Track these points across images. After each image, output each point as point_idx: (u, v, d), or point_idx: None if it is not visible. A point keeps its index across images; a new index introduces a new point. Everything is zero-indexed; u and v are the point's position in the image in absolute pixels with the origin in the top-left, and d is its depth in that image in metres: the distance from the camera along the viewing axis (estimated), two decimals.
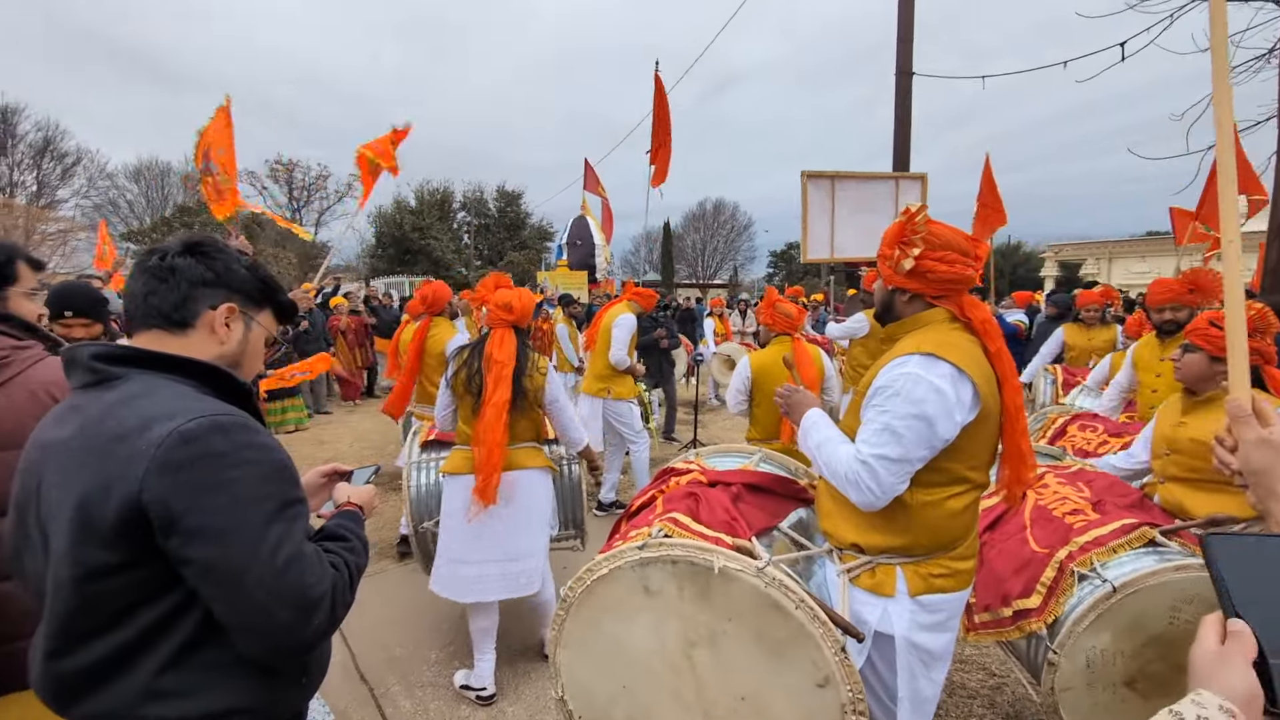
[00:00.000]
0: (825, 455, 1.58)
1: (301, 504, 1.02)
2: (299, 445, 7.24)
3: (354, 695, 2.77)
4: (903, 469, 1.44)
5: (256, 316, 1.15)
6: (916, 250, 1.52)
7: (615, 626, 1.54)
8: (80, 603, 0.90)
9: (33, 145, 24.56)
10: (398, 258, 28.58)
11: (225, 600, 0.91)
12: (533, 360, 2.66)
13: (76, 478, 0.91)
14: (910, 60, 7.56)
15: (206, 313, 1.07)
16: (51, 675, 0.93)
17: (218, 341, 1.08)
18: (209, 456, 0.90)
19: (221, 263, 1.09)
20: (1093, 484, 2.28)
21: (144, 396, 0.94)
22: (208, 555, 0.89)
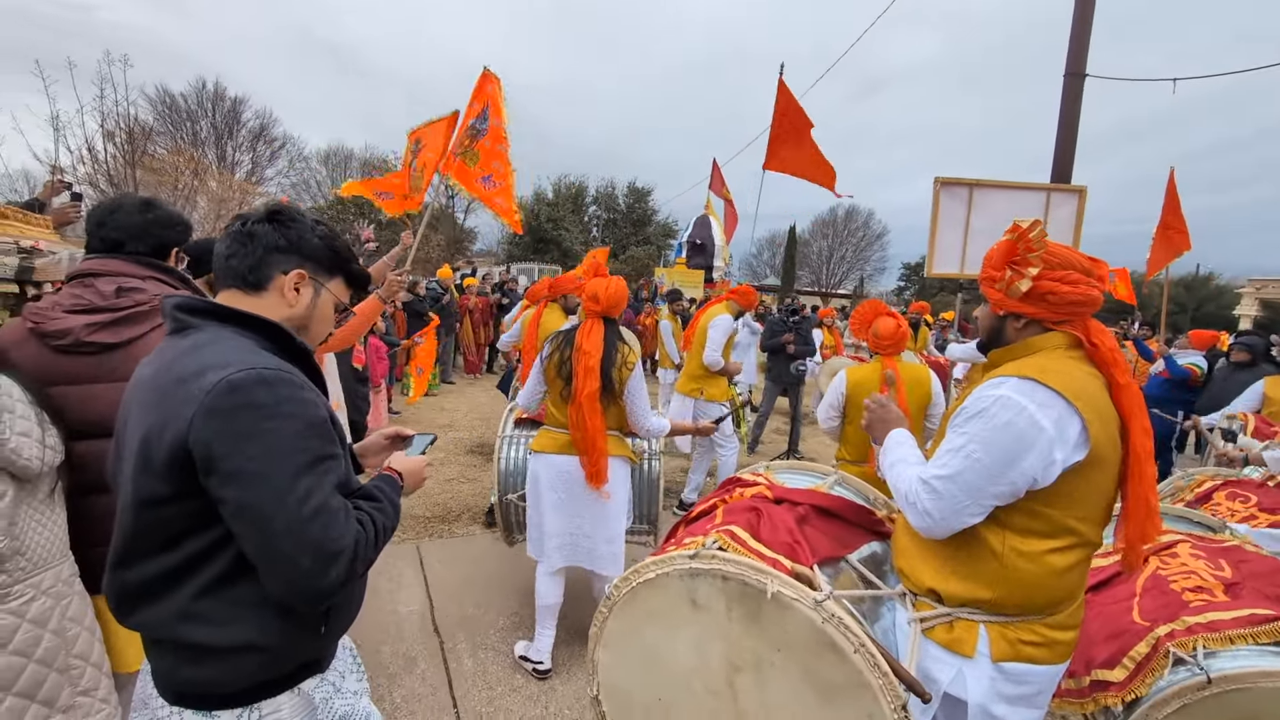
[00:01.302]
0: (895, 475, 1.47)
1: (335, 460, 1.08)
2: (423, 409, 8.00)
3: (426, 645, 3.02)
4: (969, 499, 1.30)
5: (327, 284, 1.24)
6: (1034, 270, 1.35)
7: (657, 635, 1.50)
8: (139, 525, 1.01)
9: (251, 131, 28.91)
10: (532, 246, 30.32)
11: (252, 541, 0.98)
12: (622, 353, 2.70)
13: (145, 413, 1.02)
14: (1083, 61, 6.68)
15: (278, 277, 1.17)
16: (115, 583, 1.05)
17: (287, 304, 1.18)
18: (250, 406, 0.97)
19: (296, 231, 1.18)
20: (1242, 565, 1.91)
21: (208, 345, 1.04)
22: (240, 497, 0.96)
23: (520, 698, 2.70)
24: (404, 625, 3.19)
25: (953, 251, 5.10)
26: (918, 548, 1.50)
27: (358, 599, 1.31)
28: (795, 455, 6.38)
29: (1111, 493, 1.38)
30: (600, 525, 2.77)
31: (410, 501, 4.81)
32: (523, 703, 2.67)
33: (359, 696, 1.32)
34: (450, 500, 4.90)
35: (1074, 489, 1.30)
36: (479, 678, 2.81)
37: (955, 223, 4.90)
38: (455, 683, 2.77)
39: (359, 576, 1.08)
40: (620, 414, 2.80)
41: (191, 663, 1.04)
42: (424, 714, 2.57)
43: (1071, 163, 6.56)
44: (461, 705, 2.63)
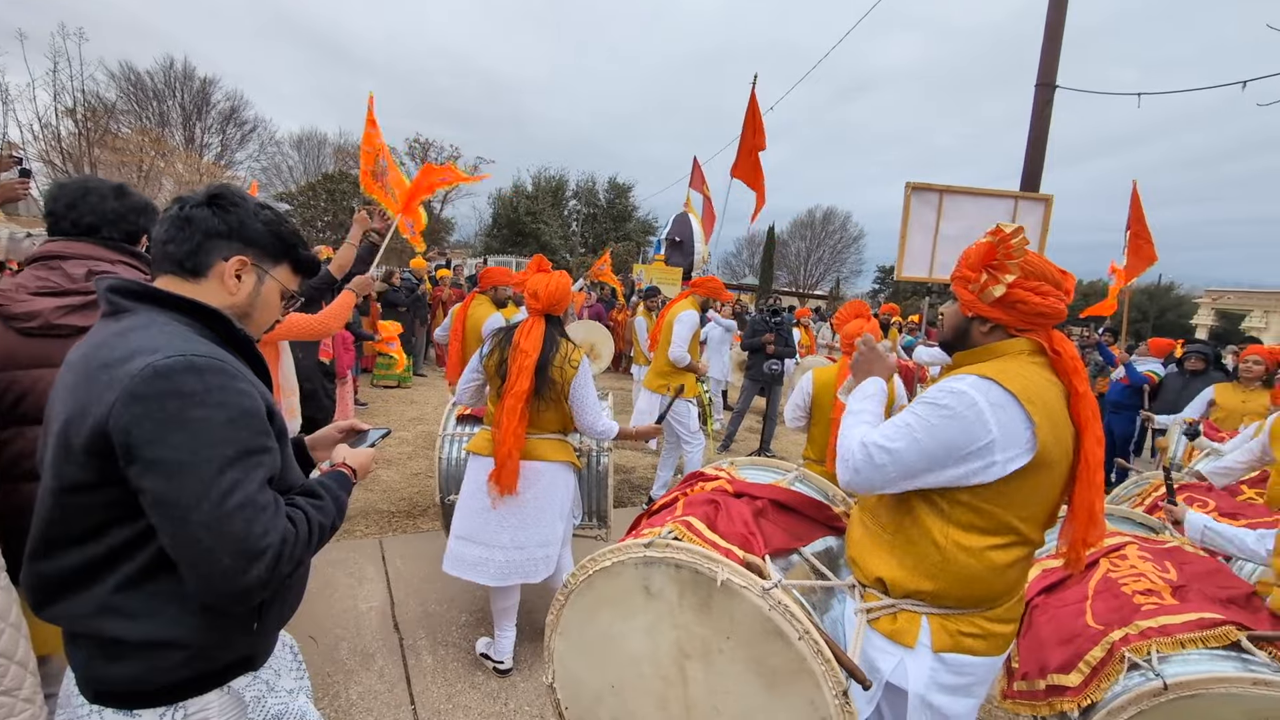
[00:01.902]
0: (846, 425, 1.47)
1: (267, 453, 1.03)
2: (393, 401, 7.88)
3: (385, 642, 2.96)
4: (899, 475, 1.33)
5: (271, 270, 1.19)
6: (1010, 277, 1.35)
7: (612, 623, 1.52)
8: (58, 512, 0.97)
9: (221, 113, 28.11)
10: (510, 239, 30.05)
11: (170, 535, 0.93)
12: (564, 352, 2.60)
13: (69, 397, 0.98)
14: (1054, 72, 6.84)
15: (218, 263, 1.11)
16: (31, 575, 1.01)
17: (227, 292, 1.13)
18: (177, 394, 0.92)
19: (237, 216, 1.13)
20: (1185, 567, 1.97)
21: (140, 330, 0.99)
22: (158, 488, 0.92)
23: (480, 694, 2.66)
24: (363, 621, 3.12)
25: (922, 256, 5.17)
26: (869, 538, 1.52)
27: (296, 594, 1.27)
28: (766, 453, 6.43)
29: (1057, 496, 1.41)
30: (533, 529, 2.65)
31: (374, 496, 4.72)
32: (482, 699, 2.63)
33: (294, 695, 1.27)
34: (416, 495, 4.82)
35: (1018, 489, 1.32)
36: (438, 674, 2.77)
37: (925, 228, 4.98)
38: (413, 679, 2.73)
39: (285, 576, 1.03)
40: (562, 416, 2.68)
41: (111, 659, 1.00)
42: (380, 710, 2.52)
43: (1040, 171, 6.71)
44: (419, 701, 2.59)
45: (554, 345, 2.59)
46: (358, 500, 4.61)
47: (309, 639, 2.92)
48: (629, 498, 5.21)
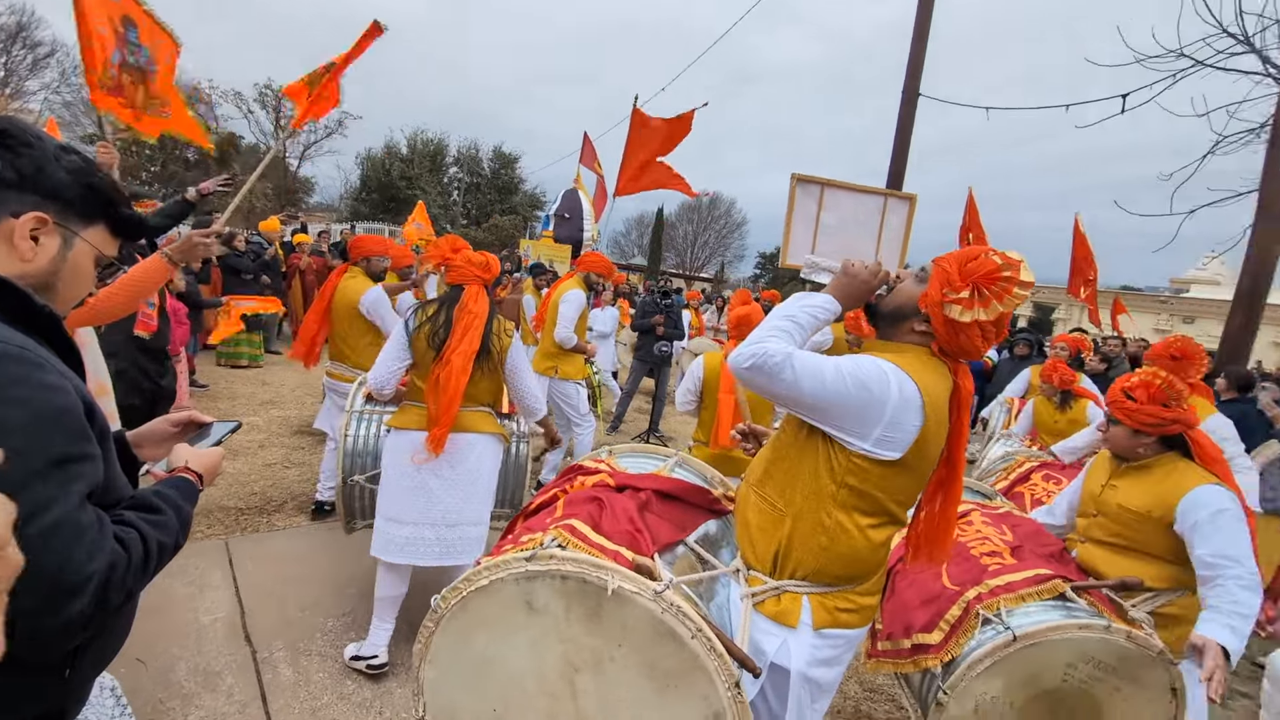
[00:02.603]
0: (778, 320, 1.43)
1: (86, 461, 0.83)
2: (243, 383, 6.99)
3: (234, 656, 2.61)
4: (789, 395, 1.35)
5: (82, 232, 0.95)
6: (985, 315, 1.31)
7: (490, 644, 1.41)
8: None
9: (5, 29, 23.09)
10: (382, 204, 27.79)
11: None
12: (500, 321, 2.63)
13: None
14: (918, 81, 7.48)
15: (6, 221, 0.87)
16: None
17: (19, 258, 0.88)
18: None
19: (31, 160, 0.88)
20: (1017, 529, 2.24)
21: None
22: None
23: (350, 705, 2.43)
24: (206, 636, 2.73)
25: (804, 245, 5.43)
26: (760, 519, 1.55)
27: (122, 630, 1.04)
28: (655, 434, 6.53)
29: (922, 486, 1.52)
30: (467, 507, 2.59)
31: (218, 491, 4.15)
32: (353, 710, 2.41)
33: None
34: (271, 489, 4.31)
35: (899, 476, 1.41)
36: (300, 688, 2.49)
37: (808, 218, 5.22)
38: (270, 696, 2.43)
39: (115, 608, 0.83)
40: (495, 388, 2.67)
41: None
42: None
43: (904, 171, 7.34)
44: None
45: (494, 314, 2.61)
46: None
47: (136, 662, 2.50)
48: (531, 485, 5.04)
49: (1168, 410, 1.99)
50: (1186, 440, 2.03)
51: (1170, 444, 2.06)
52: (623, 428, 7.03)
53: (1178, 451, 2.05)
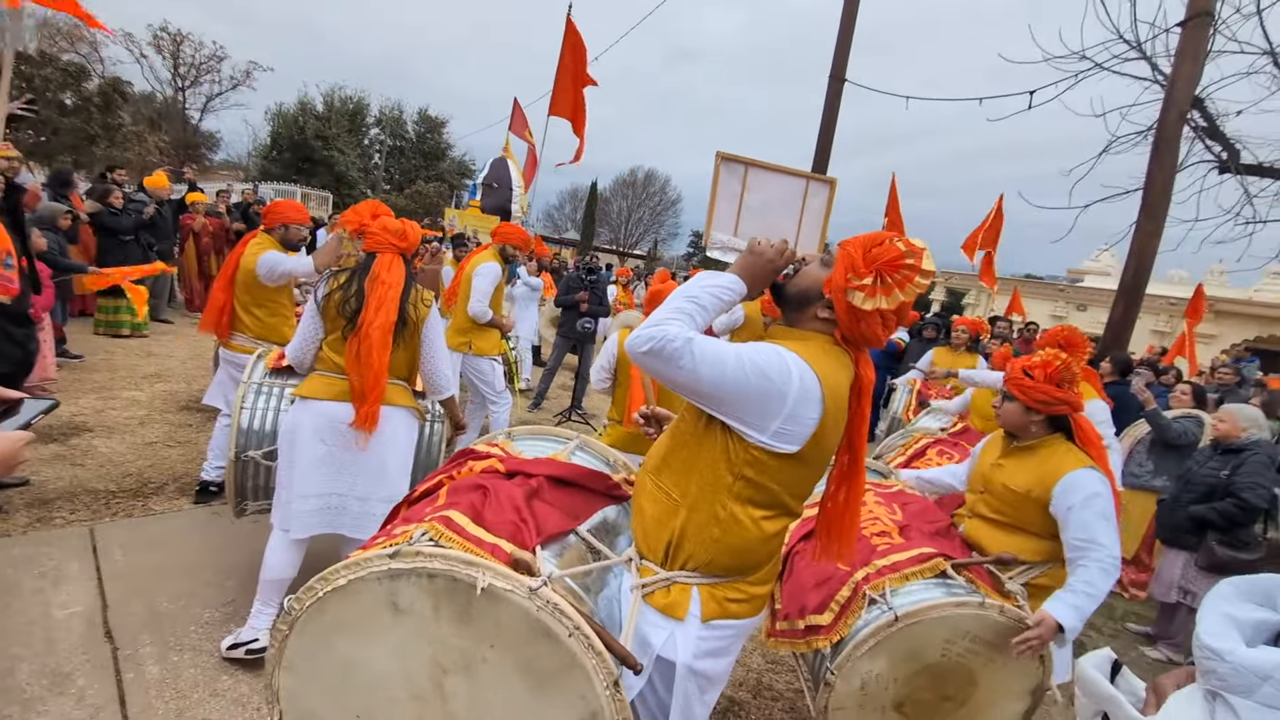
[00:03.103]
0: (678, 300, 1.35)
1: None
2: (124, 354, 6.32)
3: (90, 655, 2.35)
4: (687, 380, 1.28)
5: None
6: (886, 303, 1.29)
7: (351, 648, 1.30)
8: None
9: None
10: (294, 165, 25.82)
11: None
12: (418, 291, 2.53)
13: None
14: (844, 67, 7.60)
15: None
16: None
17: None
18: None
19: None
20: (907, 507, 2.33)
21: None
22: None
23: (223, 702, 2.25)
24: (58, 633, 2.45)
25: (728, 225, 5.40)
26: (654, 507, 1.50)
27: None
28: (578, 412, 6.46)
29: (817, 479, 1.51)
30: (379, 484, 2.45)
31: (85, 472, 3.74)
32: (226, 707, 2.23)
33: None
34: (149, 469, 3.92)
35: (796, 469, 1.39)
36: (167, 686, 2.28)
37: (731, 197, 5.19)
38: (129, 697, 2.21)
39: None
40: (411, 360, 2.57)
41: None
42: None
43: (828, 156, 7.48)
44: None
45: (411, 283, 2.53)
46: (61, 478, 3.61)
47: None
48: None
49: (1060, 391, 2.10)
50: (1070, 423, 2.16)
51: (1056, 425, 2.18)
52: (545, 405, 6.90)
53: (1062, 434, 2.17)
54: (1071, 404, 2.11)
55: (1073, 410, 2.14)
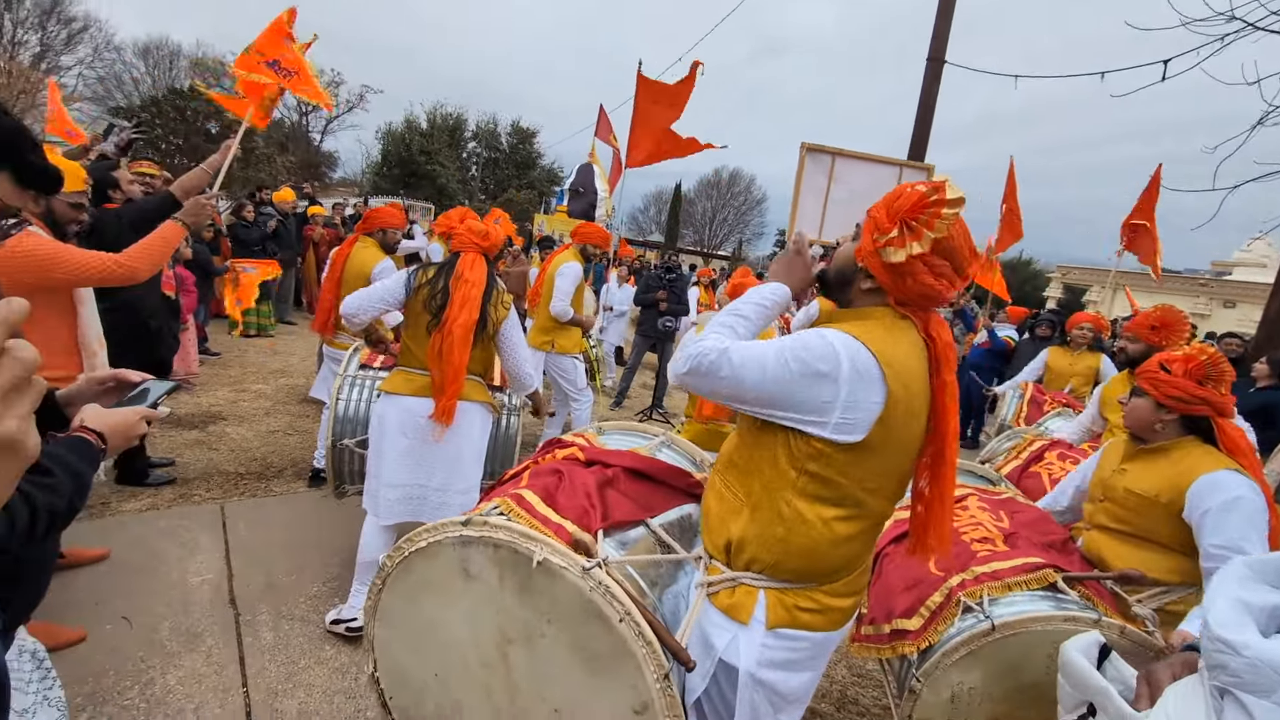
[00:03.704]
0: (716, 319, 1.33)
1: None
2: (254, 352, 7.07)
3: (217, 618, 2.63)
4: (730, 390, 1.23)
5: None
6: (918, 247, 1.19)
7: (433, 608, 1.38)
8: None
9: (39, 4, 23.39)
10: (402, 179, 27.82)
11: None
12: (499, 293, 2.60)
13: None
14: (944, 47, 7.12)
15: None
16: None
17: None
18: None
19: None
20: (1016, 515, 2.12)
21: None
22: None
23: (326, 670, 2.43)
24: (193, 597, 2.76)
25: (812, 219, 5.23)
26: (719, 504, 1.44)
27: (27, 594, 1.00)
28: (660, 410, 6.46)
29: (902, 471, 1.36)
30: (455, 475, 2.59)
31: (219, 455, 4.20)
32: (328, 675, 2.41)
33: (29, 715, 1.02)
34: (272, 454, 4.34)
35: (865, 461, 1.26)
36: (279, 651, 2.50)
37: (816, 190, 5.01)
38: (248, 658, 2.44)
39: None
40: (487, 358, 2.65)
41: None
42: (203, 696, 2.23)
43: (926, 142, 7.03)
44: (252, 683, 2.32)
45: (493, 284, 2.58)
46: (199, 461, 4.07)
47: (122, 620, 2.54)
48: (523, 458, 5.02)
49: (1200, 389, 1.83)
50: (1213, 428, 1.87)
51: (1192, 428, 1.90)
52: (626, 403, 6.97)
53: (1199, 437, 1.89)
54: (1214, 405, 1.83)
55: (1216, 413, 1.85)
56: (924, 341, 1.29)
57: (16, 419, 0.43)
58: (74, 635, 2.38)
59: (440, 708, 1.43)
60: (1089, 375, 4.93)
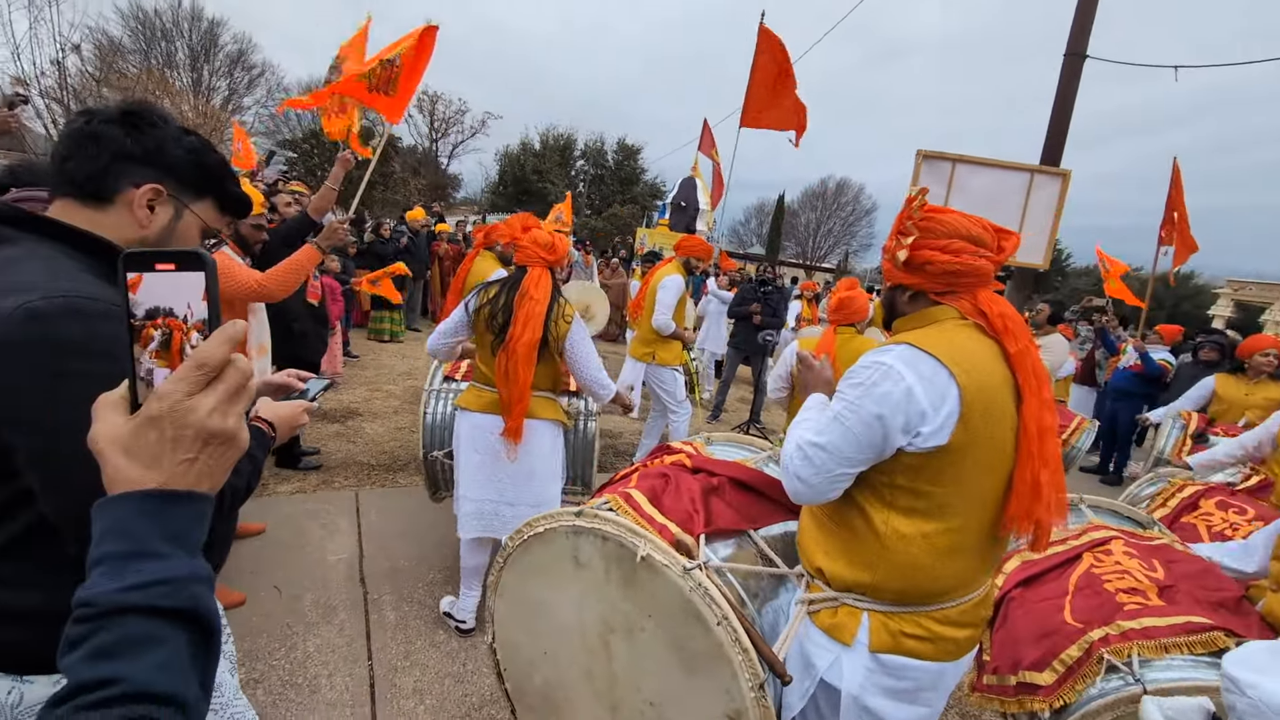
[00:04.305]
0: (787, 440, 1.37)
1: None
2: (387, 355, 7.81)
3: (349, 595, 2.92)
4: (841, 467, 1.24)
5: (191, 205, 1.06)
6: (909, 239, 1.31)
7: (545, 590, 1.47)
8: None
9: (229, 55, 27.45)
10: (516, 197, 29.57)
11: (50, 500, 0.83)
12: (560, 306, 2.56)
13: None
14: (1085, 41, 6.48)
15: (128, 190, 0.97)
16: None
17: (136, 224, 0.99)
18: (55, 341, 0.80)
19: (154, 138, 0.99)
20: (1174, 566, 1.85)
21: (20, 262, 0.86)
22: (35, 447, 0.81)
23: (439, 653, 2.62)
24: (330, 574, 3.08)
25: None
26: (812, 524, 1.43)
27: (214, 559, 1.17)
28: (757, 425, 6.34)
29: (1003, 469, 1.29)
30: (526, 491, 2.60)
31: (356, 448, 4.66)
32: (440, 658, 2.59)
33: None
34: (399, 449, 4.76)
35: (956, 464, 1.22)
36: (399, 630, 2.72)
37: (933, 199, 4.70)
38: (374, 634, 2.68)
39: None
40: (554, 373, 2.63)
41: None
42: (335, 664, 2.48)
43: (1062, 146, 6.42)
44: (377, 658, 2.55)
45: (556, 298, 2.54)
46: (340, 451, 4.55)
47: (274, 589, 2.88)
48: (613, 463, 5.14)
49: None
50: None
51: None
52: (724, 417, 6.90)
53: None
54: None
55: None
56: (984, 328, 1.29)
57: (236, 417, 0.54)
58: (237, 598, 2.74)
59: (547, 683, 1.52)
60: (1268, 408, 4.21)
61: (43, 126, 12.21)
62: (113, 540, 0.49)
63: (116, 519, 0.50)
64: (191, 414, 0.51)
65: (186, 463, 0.52)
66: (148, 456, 0.51)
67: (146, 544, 0.49)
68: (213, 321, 0.54)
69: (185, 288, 0.53)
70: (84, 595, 0.48)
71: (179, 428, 0.51)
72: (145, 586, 0.47)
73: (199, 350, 0.52)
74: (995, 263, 1.30)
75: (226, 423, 0.53)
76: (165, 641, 0.47)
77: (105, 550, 0.49)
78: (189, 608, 0.49)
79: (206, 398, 0.52)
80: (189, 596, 0.50)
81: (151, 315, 0.53)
